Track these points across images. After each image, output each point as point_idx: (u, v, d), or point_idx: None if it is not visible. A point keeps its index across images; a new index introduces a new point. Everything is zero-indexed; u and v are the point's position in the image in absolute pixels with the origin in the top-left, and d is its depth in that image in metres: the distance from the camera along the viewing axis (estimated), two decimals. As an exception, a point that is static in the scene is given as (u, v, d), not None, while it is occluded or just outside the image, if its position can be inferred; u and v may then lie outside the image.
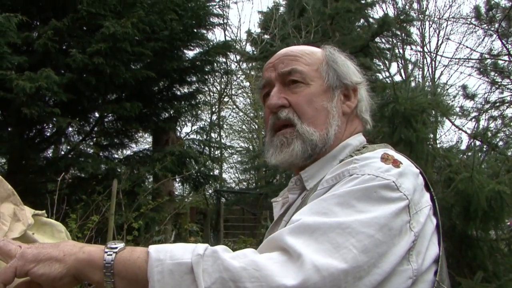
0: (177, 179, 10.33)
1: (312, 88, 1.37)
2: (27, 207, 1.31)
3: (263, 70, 1.50)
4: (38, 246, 1.04)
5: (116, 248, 1.01)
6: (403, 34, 14.90)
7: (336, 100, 1.39)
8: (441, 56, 19.29)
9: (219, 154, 16.99)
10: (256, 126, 20.12)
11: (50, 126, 9.33)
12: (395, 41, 14.95)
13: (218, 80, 17.69)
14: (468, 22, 16.25)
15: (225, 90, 18.83)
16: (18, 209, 1.24)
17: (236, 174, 21.79)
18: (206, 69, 11.16)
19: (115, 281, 0.99)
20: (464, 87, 13.45)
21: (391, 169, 1.15)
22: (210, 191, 15.75)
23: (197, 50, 10.98)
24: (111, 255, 1.00)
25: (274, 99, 1.39)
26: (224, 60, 13.84)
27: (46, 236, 1.32)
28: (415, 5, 17.61)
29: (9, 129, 8.82)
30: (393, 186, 1.11)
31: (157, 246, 1.01)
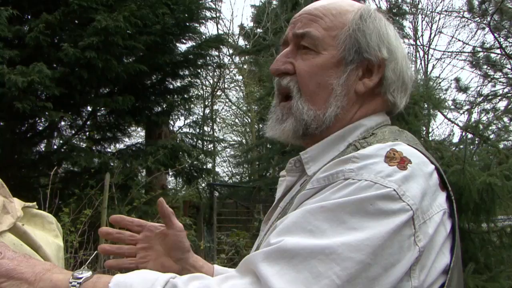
0: (170, 173, 10.33)
1: (322, 58, 1.18)
2: (16, 199, 1.31)
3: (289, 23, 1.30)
4: (17, 258, 1.00)
5: (81, 278, 0.96)
6: (395, 28, 14.89)
7: (347, 76, 1.17)
8: (434, 49, 19.30)
9: (212, 148, 16.98)
10: (249, 120, 20.09)
11: (43, 120, 9.30)
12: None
13: (210, 74, 17.64)
14: (461, 16, 16.26)
15: (218, 84, 18.78)
16: (7, 201, 1.23)
17: (229, 168, 21.76)
18: (199, 63, 11.15)
19: None
20: (457, 80, 13.52)
21: (395, 173, 0.97)
22: (203, 184, 15.72)
23: (190, 43, 11.00)
24: (75, 286, 0.95)
25: (278, 63, 1.23)
26: (216, 53, 13.82)
27: (36, 228, 1.32)
28: (408, -2, 17.62)
29: (1, 123, 8.79)
30: (393, 196, 0.93)
31: (118, 279, 0.94)
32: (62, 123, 9.73)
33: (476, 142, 5.46)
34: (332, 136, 1.17)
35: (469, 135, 5.54)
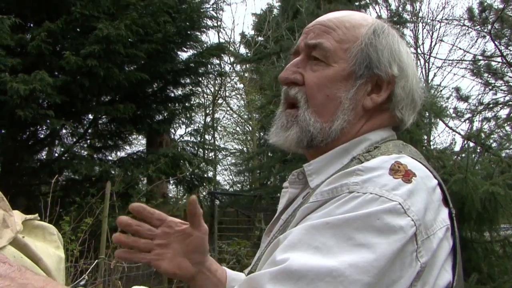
0: (171, 181, 10.32)
1: (332, 71, 1.16)
2: (17, 212, 1.29)
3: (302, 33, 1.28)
4: (11, 275, 0.93)
5: None
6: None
7: (356, 90, 1.16)
8: (435, 57, 19.36)
9: (213, 156, 16.96)
10: (250, 128, 20.10)
11: (44, 128, 9.31)
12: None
13: (212, 82, 17.68)
14: (461, 24, 16.30)
15: (219, 92, 18.80)
16: (7, 215, 1.21)
17: (230, 176, 21.74)
18: (200, 71, 11.17)
19: None
20: (457, 89, 13.50)
21: (400, 186, 0.95)
22: (204, 193, 15.71)
23: (191, 52, 11.02)
24: None
25: (287, 72, 1.21)
26: (218, 62, 13.90)
27: (37, 239, 1.30)
28: (408, 7, 17.66)
29: (3, 131, 8.79)
30: (399, 210, 0.91)
31: None
32: (64, 131, 9.74)
33: (478, 151, 5.44)
34: (336, 149, 1.16)
35: (471, 144, 5.53)
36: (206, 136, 17.21)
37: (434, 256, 0.95)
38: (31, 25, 8.81)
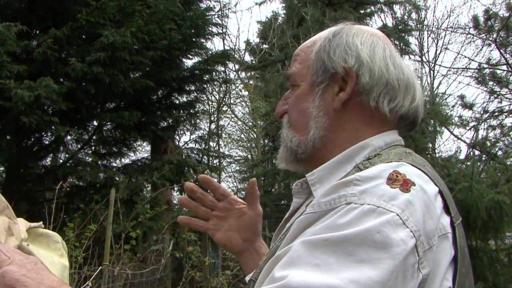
0: (176, 188, 10.29)
1: (299, 90, 1.23)
2: (21, 219, 1.29)
3: None
4: (27, 266, 0.96)
5: None
6: (401, 44, 14.94)
7: (320, 96, 1.18)
8: (440, 65, 19.35)
9: (217, 163, 16.96)
10: (255, 135, 20.10)
11: (49, 135, 9.32)
12: (393, 51, 14.98)
13: (216, 89, 17.70)
14: (466, 32, 16.29)
15: (224, 99, 18.82)
16: (12, 223, 1.21)
17: (235, 183, 21.72)
18: (205, 78, 11.18)
19: None
20: (461, 97, 13.47)
21: (397, 196, 0.93)
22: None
23: (196, 59, 11.03)
24: None
25: (278, 107, 1.30)
26: (223, 69, 13.88)
27: (41, 247, 1.31)
28: (414, 15, 17.69)
29: (8, 137, 8.81)
30: (397, 221, 0.90)
31: None
32: (68, 137, 9.75)
33: (484, 159, 5.43)
34: (338, 156, 1.15)
35: (476, 152, 5.51)
36: (211, 143, 17.20)
37: (436, 265, 0.94)
38: (37, 32, 8.85)
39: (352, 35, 1.21)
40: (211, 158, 15.50)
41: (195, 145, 13.79)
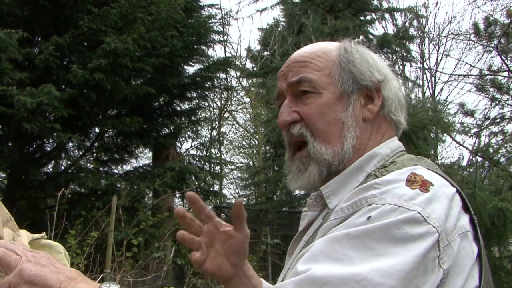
0: (177, 195, 10.28)
1: (324, 98, 1.21)
2: (24, 231, 1.29)
3: (277, 78, 1.35)
4: (40, 261, 0.97)
5: None
6: (402, 51, 14.96)
7: (353, 107, 1.20)
8: (441, 72, 19.34)
9: (219, 170, 16.92)
10: (256, 142, 20.10)
11: (51, 141, 9.33)
12: (395, 58, 15.00)
13: (218, 96, 17.75)
14: (467, 39, 16.30)
15: (225, 106, 18.86)
16: (15, 235, 1.22)
17: (236, 190, 21.69)
18: (207, 85, 11.20)
19: None
20: (462, 105, 13.47)
21: (418, 196, 0.96)
22: (210, 207, 15.64)
23: (198, 66, 11.06)
24: None
25: (283, 115, 1.25)
26: (224, 76, 13.92)
27: (43, 258, 1.30)
28: (415, 22, 17.70)
29: (10, 144, 8.81)
30: (418, 218, 0.92)
31: None
32: (70, 144, 9.75)
33: (486, 165, 5.41)
34: (349, 168, 1.18)
35: (479, 159, 5.50)
36: (212, 150, 17.22)
37: (458, 262, 0.96)
38: (39, 39, 8.87)
39: (366, 51, 1.28)
40: (212, 165, 15.47)
41: (197, 152, 13.81)
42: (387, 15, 15.97)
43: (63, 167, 11.17)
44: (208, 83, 11.21)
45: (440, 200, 0.98)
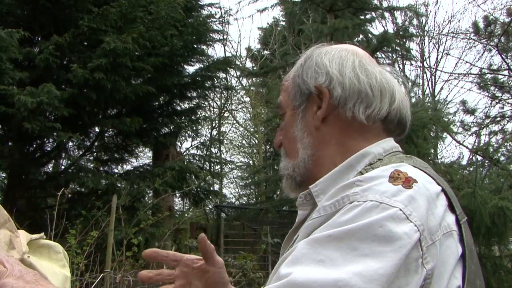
0: (177, 194, 10.30)
1: (286, 118, 1.27)
2: (22, 231, 1.29)
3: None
4: (25, 277, 0.94)
5: None
6: (402, 50, 14.94)
7: (301, 119, 1.22)
8: (441, 71, 19.31)
9: (219, 169, 16.95)
10: (256, 141, 20.10)
11: (51, 141, 9.34)
12: (394, 57, 15.00)
13: (218, 96, 17.73)
14: (468, 37, 16.30)
15: (225, 105, 18.85)
16: (13, 236, 1.21)
17: (237, 189, 21.68)
18: (207, 85, 11.21)
19: None
20: (463, 102, 13.46)
21: (400, 192, 0.94)
22: (210, 206, 15.67)
23: (198, 65, 11.07)
24: None
25: (275, 138, 1.33)
26: (224, 75, 13.92)
27: (42, 258, 1.30)
28: (415, 21, 17.69)
29: (10, 143, 8.82)
30: (400, 215, 0.90)
31: None
32: (70, 143, 9.76)
33: (486, 164, 5.41)
34: (339, 166, 1.16)
35: (479, 158, 5.49)
36: (213, 149, 17.23)
37: (443, 262, 0.94)
38: (39, 38, 8.88)
39: (321, 56, 1.25)
40: (212, 164, 15.48)
41: (197, 151, 13.83)
42: (387, 14, 15.93)
43: (63, 167, 11.19)
44: (208, 82, 11.22)
45: (423, 197, 0.95)
